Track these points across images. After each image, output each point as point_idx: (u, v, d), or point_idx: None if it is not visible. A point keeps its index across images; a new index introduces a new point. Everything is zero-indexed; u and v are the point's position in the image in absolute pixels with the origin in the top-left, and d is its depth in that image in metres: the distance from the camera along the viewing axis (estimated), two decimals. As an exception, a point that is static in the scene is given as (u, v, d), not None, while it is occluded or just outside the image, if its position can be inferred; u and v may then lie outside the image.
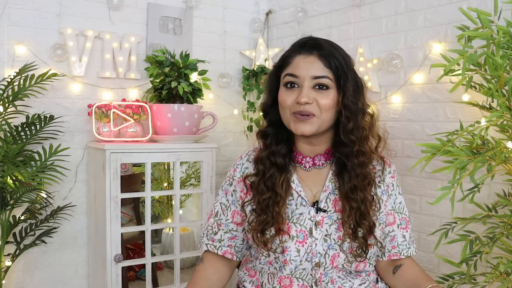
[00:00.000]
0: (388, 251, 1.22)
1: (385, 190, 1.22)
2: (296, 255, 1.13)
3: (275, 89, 1.20)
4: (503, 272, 1.43)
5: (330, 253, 1.13)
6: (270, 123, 1.22)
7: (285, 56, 1.20)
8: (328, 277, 1.15)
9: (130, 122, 2.22)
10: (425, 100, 2.00)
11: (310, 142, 1.19)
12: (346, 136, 1.14)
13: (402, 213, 1.24)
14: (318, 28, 2.49)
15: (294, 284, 1.15)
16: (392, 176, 1.24)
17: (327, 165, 1.21)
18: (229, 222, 1.27)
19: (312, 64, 1.13)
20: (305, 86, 1.12)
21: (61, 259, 2.29)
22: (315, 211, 1.16)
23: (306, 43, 1.17)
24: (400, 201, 1.24)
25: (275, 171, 1.18)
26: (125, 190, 2.16)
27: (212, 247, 1.28)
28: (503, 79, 1.33)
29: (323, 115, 1.12)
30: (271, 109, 1.22)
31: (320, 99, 1.12)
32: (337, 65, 1.13)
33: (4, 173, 1.93)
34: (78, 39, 2.26)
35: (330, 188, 1.18)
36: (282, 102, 1.16)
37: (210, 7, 2.66)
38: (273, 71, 1.23)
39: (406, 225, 1.23)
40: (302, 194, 1.18)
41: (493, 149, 1.33)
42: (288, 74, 1.16)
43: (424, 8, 1.99)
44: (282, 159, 1.19)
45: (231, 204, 1.27)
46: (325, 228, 1.14)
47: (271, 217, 1.14)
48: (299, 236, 1.14)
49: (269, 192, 1.16)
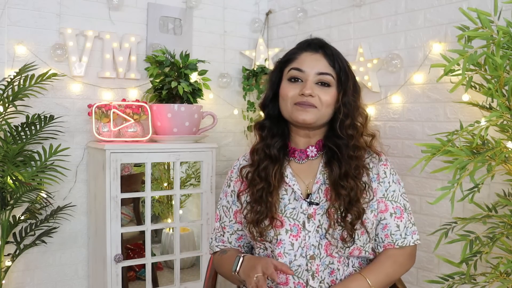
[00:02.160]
0: (381, 241, 1.22)
1: (375, 177, 1.23)
2: (290, 248, 1.16)
3: (277, 84, 1.24)
4: (503, 272, 1.43)
5: (322, 243, 1.16)
6: (268, 116, 1.27)
7: (291, 53, 1.25)
8: (325, 265, 1.16)
9: (130, 122, 2.22)
10: (425, 100, 2.00)
11: (306, 134, 1.23)
12: (343, 131, 1.19)
13: (397, 201, 1.23)
14: (318, 28, 2.49)
15: (290, 282, 1.16)
16: (384, 164, 1.25)
17: (318, 156, 1.24)
18: (233, 223, 1.29)
19: (318, 61, 1.20)
20: (309, 81, 1.18)
21: (61, 259, 2.29)
22: (308, 204, 1.18)
23: (313, 42, 1.24)
24: (394, 190, 1.23)
25: (268, 163, 1.22)
26: (125, 190, 2.16)
27: (222, 247, 1.32)
28: (503, 79, 1.33)
29: (323, 110, 1.18)
30: (271, 102, 1.26)
31: (322, 95, 1.18)
32: (340, 66, 1.21)
33: (4, 173, 1.93)
34: (78, 39, 2.26)
35: (321, 179, 1.21)
36: (284, 95, 1.20)
37: (210, 7, 2.66)
38: (276, 66, 1.27)
39: (401, 214, 1.22)
40: (295, 187, 1.20)
41: (493, 149, 1.33)
42: (294, 68, 1.21)
43: (424, 8, 1.99)
44: (277, 151, 1.23)
45: (232, 205, 1.29)
46: (317, 219, 1.17)
47: (264, 207, 1.17)
48: (293, 230, 1.17)
49: (262, 182, 1.20)
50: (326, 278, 1.16)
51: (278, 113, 1.24)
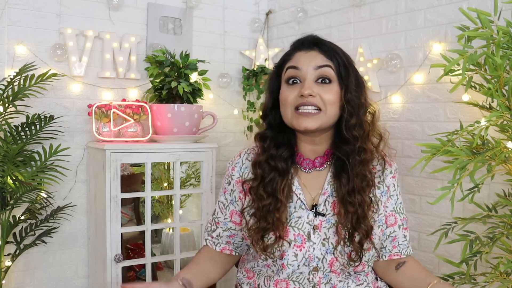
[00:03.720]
0: (389, 251, 1.21)
1: (385, 191, 1.19)
2: (293, 259, 1.12)
3: (276, 90, 1.18)
4: (503, 272, 1.43)
5: (327, 257, 1.12)
6: (269, 125, 1.19)
7: (285, 55, 1.19)
8: (327, 279, 1.14)
9: (130, 122, 2.22)
10: (425, 100, 2.00)
11: (312, 141, 1.16)
12: (349, 132, 1.11)
13: (403, 213, 1.23)
14: (318, 28, 2.49)
15: (290, 287, 1.14)
16: (393, 177, 1.21)
17: (326, 167, 1.19)
18: (228, 221, 1.26)
19: (314, 57, 1.13)
20: (307, 79, 1.10)
21: (61, 259, 2.29)
22: (314, 215, 1.14)
23: (306, 40, 1.17)
24: (401, 202, 1.23)
25: (275, 176, 1.14)
26: (125, 190, 2.16)
27: (211, 242, 1.29)
28: (503, 79, 1.33)
29: (328, 110, 1.10)
30: (271, 111, 1.19)
31: (324, 93, 1.09)
32: (338, 60, 1.12)
33: (4, 173, 1.93)
34: (78, 39, 2.26)
35: (329, 191, 1.16)
36: (284, 100, 1.13)
37: (210, 7, 2.66)
38: (273, 72, 1.21)
39: (407, 225, 1.23)
40: (301, 197, 1.16)
41: (493, 149, 1.33)
42: (289, 67, 1.13)
43: (424, 8, 1.99)
44: (284, 163, 1.15)
45: (229, 204, 1.26)
46: (323, 232, 1.13)
47: (271, 223, 1.11)
48: (297, 240, 1.12)
49: (270, 198, 1.13)
50: None
51: (280, 120, 1.16)
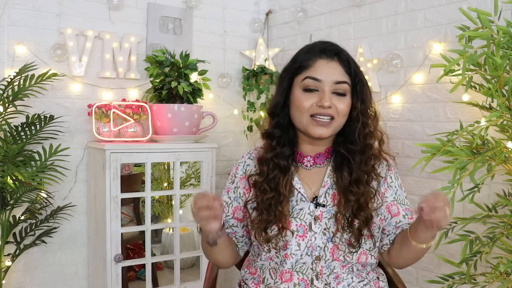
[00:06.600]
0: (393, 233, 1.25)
1: (383, 182, 1.23)
2: (296, 249, 1.16)
3: (287, 91, 1.21)
4: (503, 272, 1.43)
5: (329, 245, 1.16)
6: (278, 125, 1.22)
7: (303, 59, 1.19)
8: (330, 270, 1.16)
9: (130, 122, 2.22)
10: (425, 100, 2.00)
11: (315, 142, 1.21)
12: (361, 140, 1.17)
13: (404, 204, 1.25)
14: (318, 28, 2.49)
15: (294, 278, 1.17)
16: (390, 169, 1.25)
17: (326, 164, 1.23)
18: (230, 218, 1.29)
19: (335, 69, 1.17)
20: (326, 91, 1.15)
21: (61, 259, 2.29)
22: (314, 206, 1.18)
23: (327, 48, 1.19)
24: (400, 194, 1.25)
25: (278, 173, 1.19)
26: (125, 190, 2.16)
27: None
28: (503, 79, 1.33)
29: (340, 119, 1.16)
30: (282, 110, 1.21)
31: (339, 104, 1.15)
32: (355, 71, 1.18)
33: (4, 173, 1.93)
34: (78, 39, 2.26)
35: (329, 183, 1.20)
36: (300, 106, 1.16)
37: (210, 7, 2.66)
38: (288, 72, 1.22)
39: (411, 215, 1.24)
40: (301, 191, 1.20)
41: (493, 149, 1.33)
42: (310, 78, 1.16)
43: (424, 8, 1.99)
44: (286, 161, 1.20)
45: (233, 201, 1.29)
46: (324, 222, 1.17)
47: (273, 216, 1.16)
48: (299, 231, 1.16)
49: (273, 192, 1.18)
50: (332, 283, 1.16)
51: (288, 120, 1.21)
